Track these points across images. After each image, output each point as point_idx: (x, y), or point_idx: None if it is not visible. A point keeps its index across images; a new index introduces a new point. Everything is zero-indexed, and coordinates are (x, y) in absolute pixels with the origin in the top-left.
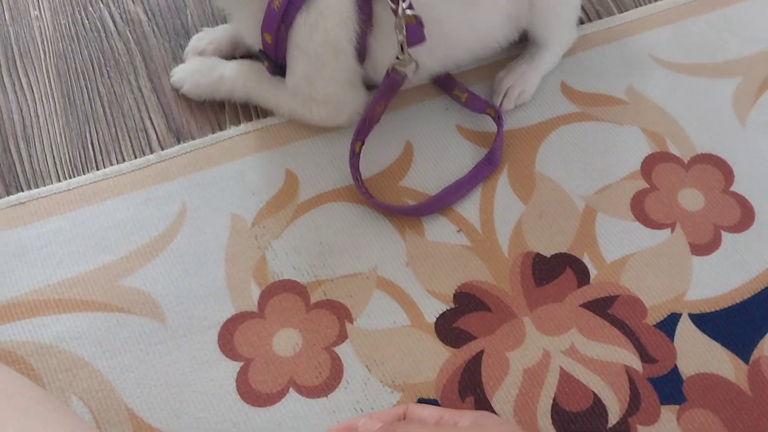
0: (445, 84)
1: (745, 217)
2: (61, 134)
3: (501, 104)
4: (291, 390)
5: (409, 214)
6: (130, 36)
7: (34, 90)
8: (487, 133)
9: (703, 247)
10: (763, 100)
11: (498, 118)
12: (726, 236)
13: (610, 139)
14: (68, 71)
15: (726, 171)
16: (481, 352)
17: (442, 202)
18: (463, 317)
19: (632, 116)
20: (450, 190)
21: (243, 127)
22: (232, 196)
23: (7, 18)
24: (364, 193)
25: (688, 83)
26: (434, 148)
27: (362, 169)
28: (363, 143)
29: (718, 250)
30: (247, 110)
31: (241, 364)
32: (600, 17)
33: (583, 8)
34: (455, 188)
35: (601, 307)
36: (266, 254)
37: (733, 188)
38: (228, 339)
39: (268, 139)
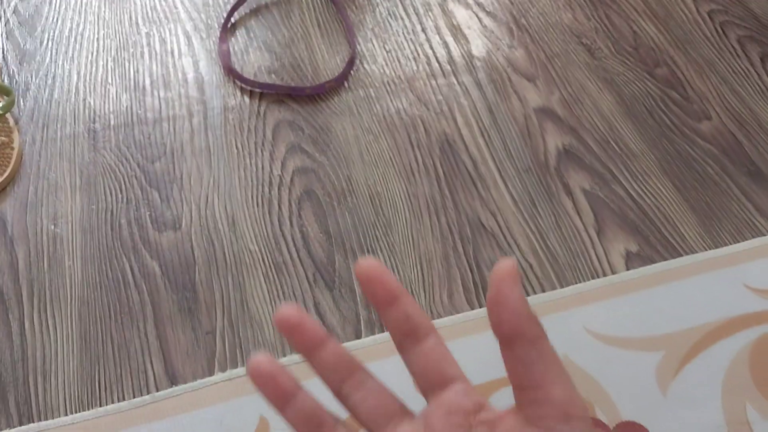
0: None
1: None
2: (74, 372)
3: None
4: None
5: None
6: (144, 287)
7: (57, 331)
8: None
9: None
10: (683, 373)
11: None
12: None
13: None
14: (88, 316)
15: None
16: None
17: None
18: None
19: None
20: None
21: (227, 373)
22: None
23: (45, 266)
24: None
25: (617, 355)
26: None
27: None
28: None
29: None
30: (235, 358)
31: None
32: (544, 291)
33: (528, 281)
34: None
35: None
36: None
37: None
38: None
39: (247, 385)
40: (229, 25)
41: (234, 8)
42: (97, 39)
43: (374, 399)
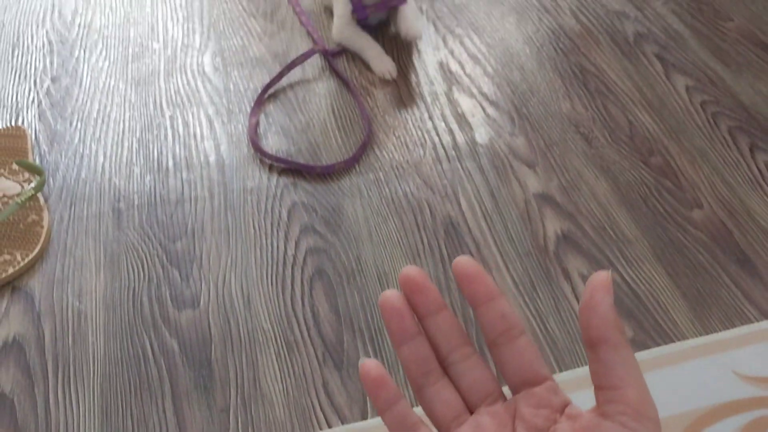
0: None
1: None
2: None
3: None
4: None
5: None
6: (163, 364)
7: (80, 405)
8: None
9: None
10: None
11: None
12: None
13: None
14: (110, 390)
15: None
16: None
17: None
18: None
19: None
20: None
21: None
22: None
23: (70, 341)
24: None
25: None
26: None
27: None
28: None
29: None
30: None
31: None
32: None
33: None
34: None
35: None
36: None
37: None
38: None
39: None
40: (262, 100)
41: (269, 86)
42: (123, 120)
43: (477, 373)
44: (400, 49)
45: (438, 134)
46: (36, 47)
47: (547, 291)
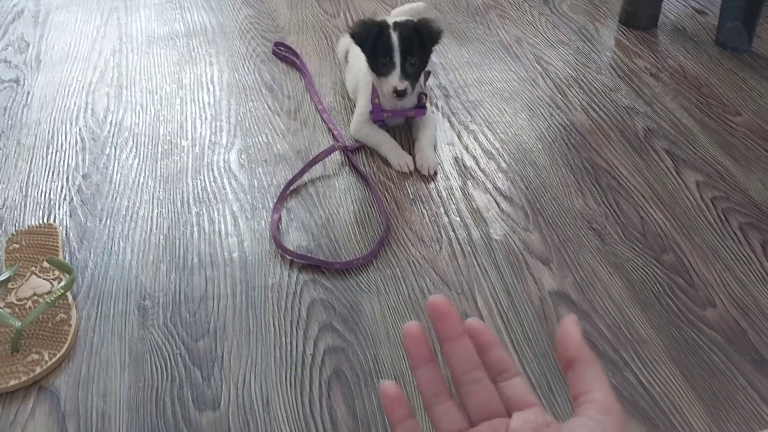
0: None
1: None
2: None
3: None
4: None
5: None
6: None
7: None
8: None
9: None
10: None
11: None
12: None
13: None
14: None
15: None
16: None
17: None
18: None
19: None
20: None
21: None
22: None
23: None
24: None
25: None
26: None
27: None
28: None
29: None
30: None
31: None
32: None
33: None
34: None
35: None
36: None
37: None
38: None
39: None
40: (284, 196)
41: (291, 182)
42: (151, 218)
43: (484, 395)
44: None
45: (453, 229)
46: (69, 144)
47: (564, 394)
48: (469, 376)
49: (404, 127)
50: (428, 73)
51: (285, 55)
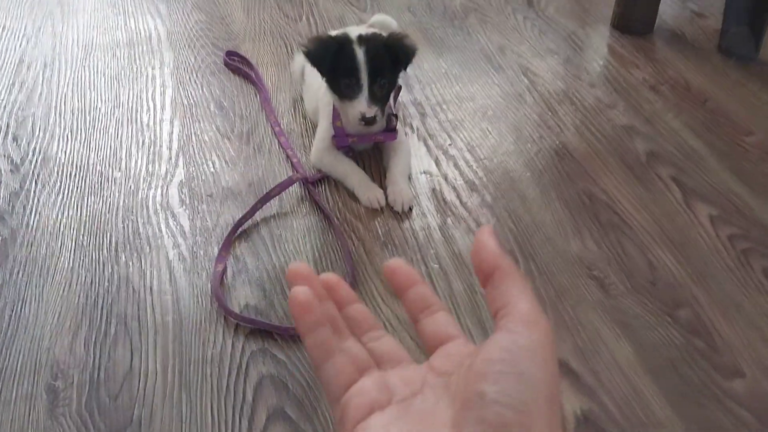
0: None
1: None
2: None
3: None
4: None
5: None
6: None
7: None
8: None
9: None
10: None
11: None
12: None
13: None
14: None
15: None
16: None
17: None
18: None
19: None
20: None
21: None
22: None
23: None
24: None
25: None
26: None
27: None
28: None
29: None
30: None
31: None
32: None
33: None
34: None
35: None
36: None
37: None
38: None
39: None
40: (231, 240)
41: (240, 222)
42: (72, 270)
43: (387, 347)
44: None
45: (432, 280)
46: None
47: None
48: (369, 335)
49: (373, 151)
50: (399, 88)
51: (238, 66)
